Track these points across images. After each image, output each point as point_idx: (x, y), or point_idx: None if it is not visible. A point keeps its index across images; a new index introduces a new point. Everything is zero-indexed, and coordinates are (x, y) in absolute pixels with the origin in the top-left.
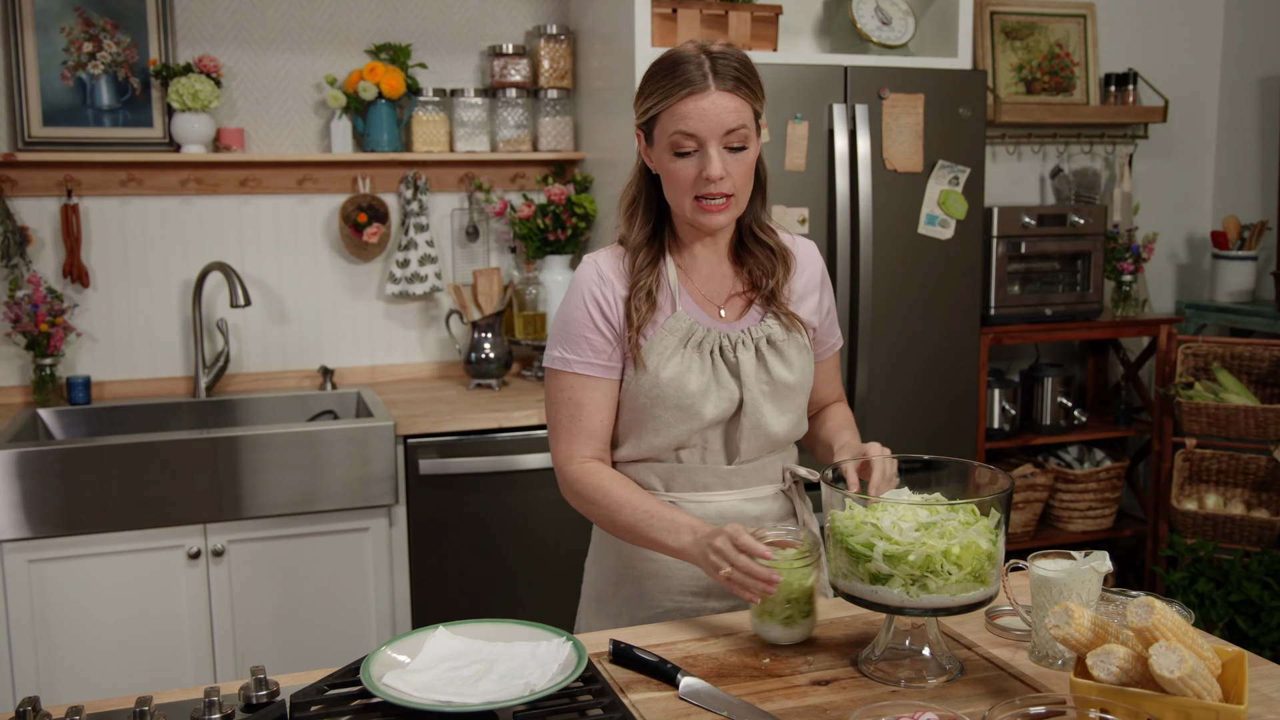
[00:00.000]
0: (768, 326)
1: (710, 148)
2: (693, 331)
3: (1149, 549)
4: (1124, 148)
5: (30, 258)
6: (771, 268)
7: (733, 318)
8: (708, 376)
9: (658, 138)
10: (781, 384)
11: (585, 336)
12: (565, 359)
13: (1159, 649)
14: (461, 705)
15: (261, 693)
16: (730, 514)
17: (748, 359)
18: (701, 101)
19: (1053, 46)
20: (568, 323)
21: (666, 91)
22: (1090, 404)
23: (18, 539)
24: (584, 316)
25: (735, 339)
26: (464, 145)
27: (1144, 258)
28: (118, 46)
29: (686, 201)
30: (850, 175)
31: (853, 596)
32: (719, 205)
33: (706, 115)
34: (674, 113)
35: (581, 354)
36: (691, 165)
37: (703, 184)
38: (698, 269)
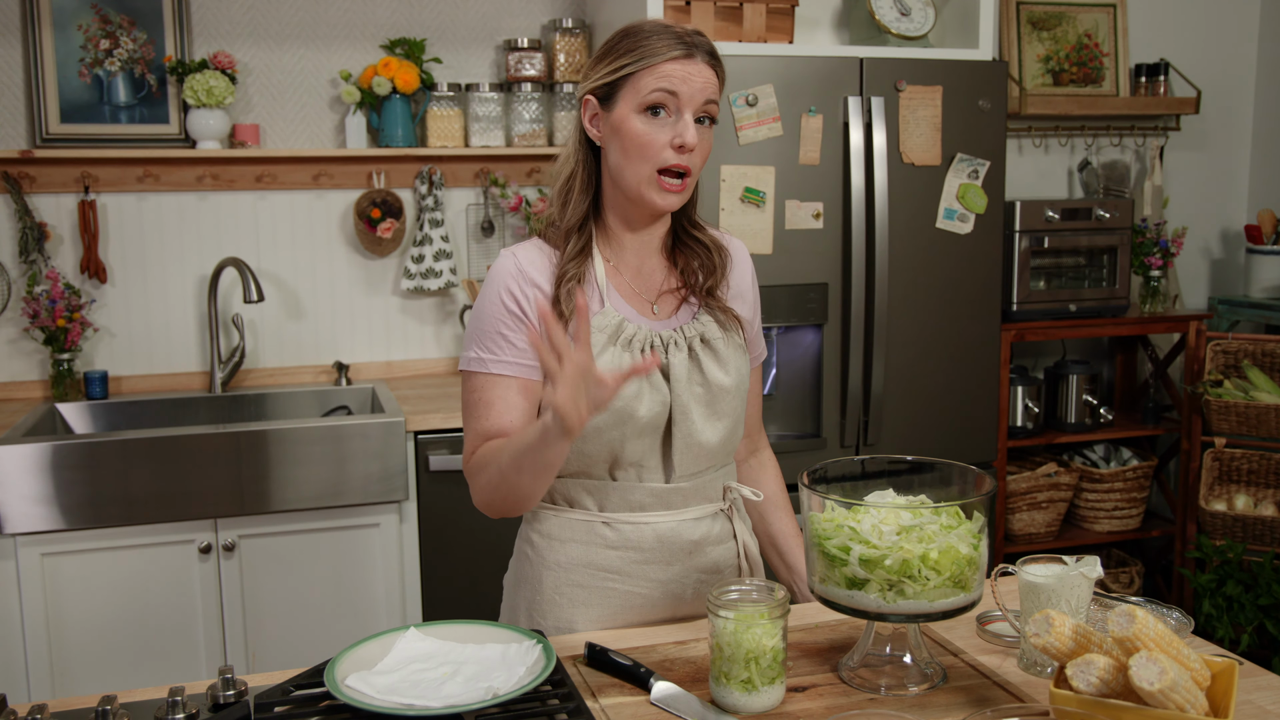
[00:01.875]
0: (701, 324)
1: (687, 113)
2: (622, 328)
3: (1177, 550)
4: (1155, 140)
5: (48, 253)
6: (709, 263)
7: (665, 315)
8: (640, 378)
9: (623, 99)
10: (716, 387)
11: (501, 333)
12: (480, 359)
13: (1139, 660)
14: (423, 709)
15: (229, 692)
16: (668, 536)
17: (679, 360)
18: (689, 66)
19: (1081, 37)
20: (483, 319)
21: (649, 51)
22: (1118, 402)
23: (32, 532)
24: (500, 312)
25: (667, 338)
26: (479, 140)
27: (1173, 252)
28: (134, 43)
29: (645, 172)
30: (866, 169)
31: (830, 601)
32: (678, 185)
33: (692, 79)
34: (657, 71)
35: (498, 352)
36: (664, 129)
37: (672, 152)
38: (626, 262)
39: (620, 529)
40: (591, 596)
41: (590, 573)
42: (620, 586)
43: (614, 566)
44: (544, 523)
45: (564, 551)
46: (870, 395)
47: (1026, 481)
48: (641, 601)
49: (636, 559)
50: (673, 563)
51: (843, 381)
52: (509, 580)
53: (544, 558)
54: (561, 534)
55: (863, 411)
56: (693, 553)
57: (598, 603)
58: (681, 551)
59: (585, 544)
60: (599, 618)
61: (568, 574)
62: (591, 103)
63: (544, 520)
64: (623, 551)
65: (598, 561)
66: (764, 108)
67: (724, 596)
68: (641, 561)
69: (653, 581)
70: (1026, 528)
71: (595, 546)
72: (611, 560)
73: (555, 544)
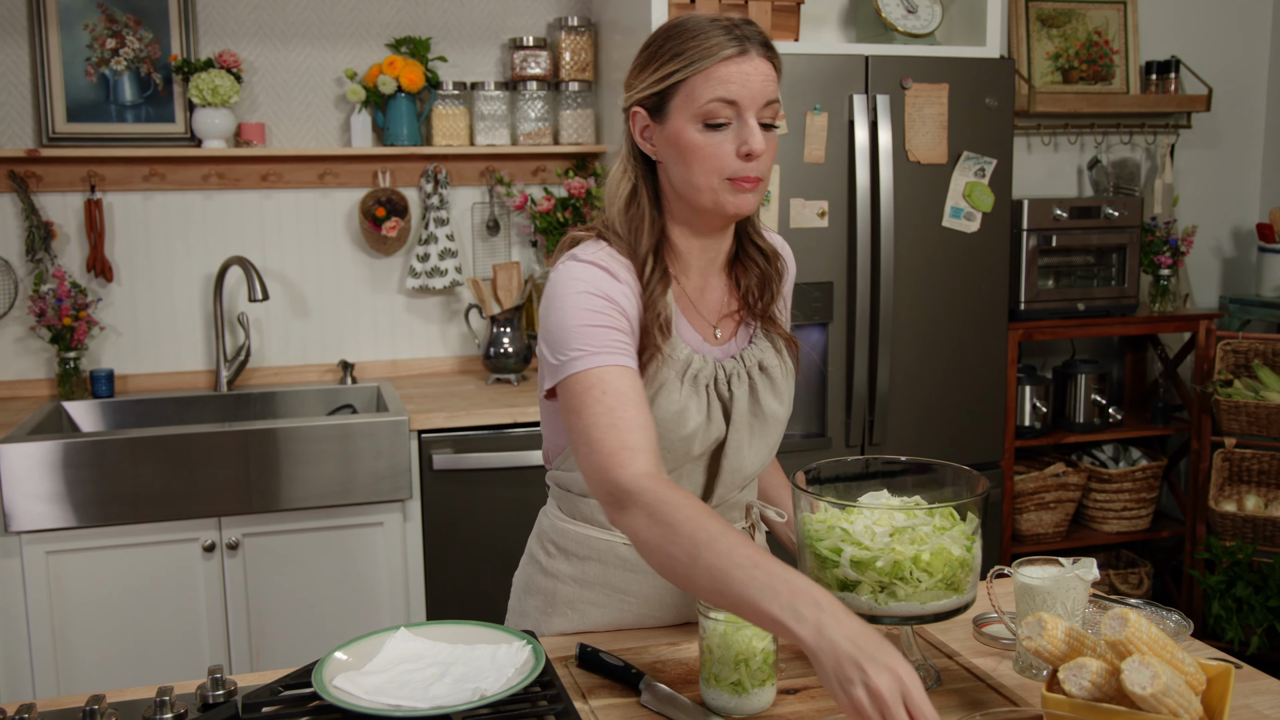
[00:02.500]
0: (759, 349)
1: (749, 117)
2: (689, 362)
3: (1187, 551)
4: (1165, 138)
5: (55, 252)
6: (766, 276)
7: (726, 339)
8: (703, 416)
9: (676, 110)
10: (770, 416)
11: (607, 325)
12: (587, 353)
13: (1131, 664)
14: (410, 710)
15: (218, 692)
16: None
17: (742, 393)
18: (744, 65)
19: (1091, 34)
20: (577, 316)
21: (699, 54)
22: (1128, 402)
23: (37, 530)
24: (601, 303)
25: (730, 369)
26: (484, 139)
27: (1182, 251)
28: (140, 43)
29: (714, 182)
30: (871, 167)
31: None
32: (751, 184)
33: (750, 80)
34: (710, 76)
35: (609, 345)
36: (727, 139)
37: (739, 162)
38: (691, 282)
39: None
40: (606, 615)
41: (606, 592)
42: (635, 609)
43: (631, 589)
44: (561, 536)
45: (581, 568)
46: (876, 395)
47: (1034, 482)
48: (654, 622)
49: (654, 582)
50: None
51: (848, 381)
52: (519, 584)
53: (559, 570)
54: (580, 550)
55: (868, 411)
56: None
57: (612, 620)
58: None
59: (602, 563)
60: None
61: (583, 590)
62: (640, 114)
63: (561, 533)
64: (641, 575)
65: (614, 582)
66: None
67: None
68: (660, 586)
69: (669, 605)
70: (1034, 528)
71: (612, 566)
72: (629, 582)
73: (574, 560)
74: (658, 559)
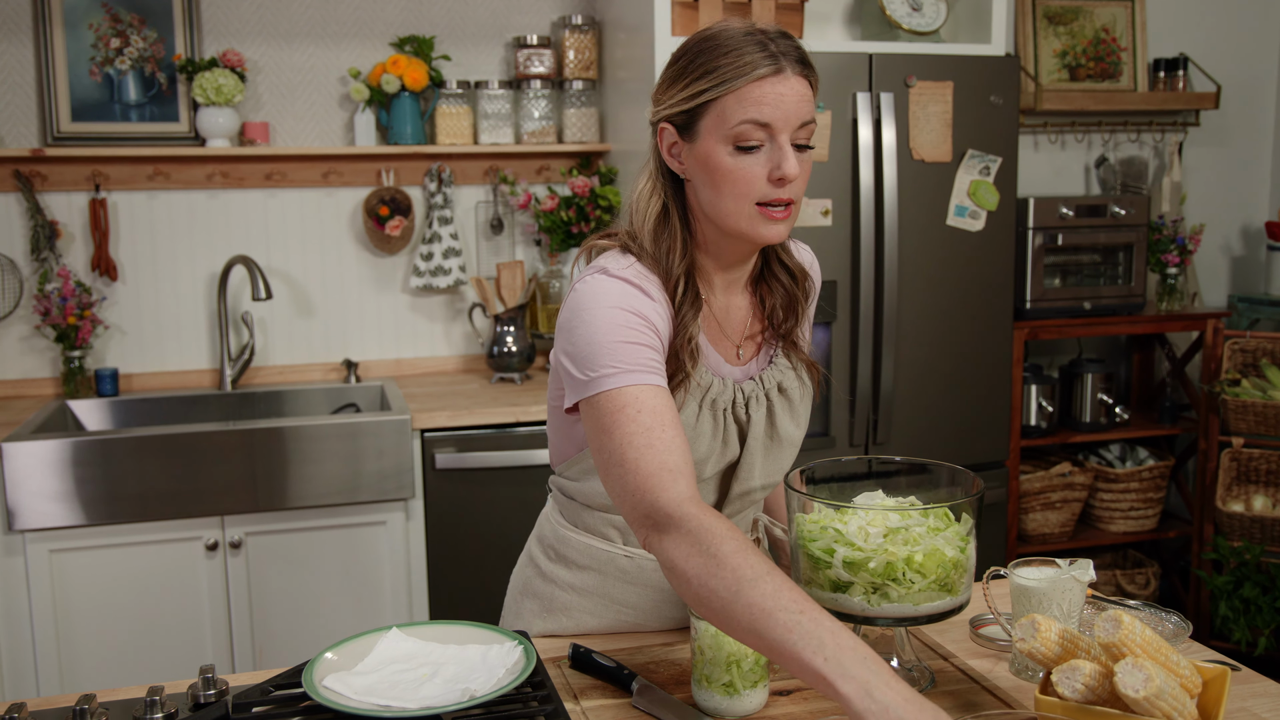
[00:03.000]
0: (779, 371)
1: (783, 139)
2: (709, 386)
3: (1194, 552)
4: (1174, 135)
5: (60, 251)
6: (791, 297)
7: (748, 359)
8: (718, 440)
9: (706, 130)
10: (785, 438)
11: (641, 344)
12: (621, 370)
13: (1124, 666)
14: (399, 710)
15: (210, 692)
16: None
17: (759, 417)
18: (779, 85)
19: (1098, 31)
20: (611, 331)
21: (732, 72)
22: (1135, 401)
23: (41, 529)
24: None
25: (750, 392)
26: (488, 137)
27: (1190, 250)
28: (144, 42)
29: (745, 208)
30: (875, 166)
31: None
32: (783, 213)
33: (785, 101)
34: (743, 97)
35: (644, 363)
36: (759, 163)
37: (772, 186)
38: (715, 300)
39: (642, 564)
40: (600, 625)
41: (603, 602)
42: (631, 619)
43: (629, 601)
44: (562, 543)
45: (580, 577)
46: (879, 394)
47: (1040, 481)
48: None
49: (653, 597)
50: None
51: (852, 380)
52: (515, 584)
53: (558, 576)
54: (580, 559)
55: (872, 410)
56: None
57: (605, 630)
58: None
59: (601, 574)
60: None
61: (580, 599)
62: (669, 131)
63: (562, 540)
64: (640, 588)
65: (612, 593)
66: None
67: None
68: (659, 601)
69: (665, 619)
70: (1040, 528)
71: (611, 578)
72: (627, 594)
73: (573, 568)
74: (694, 590)
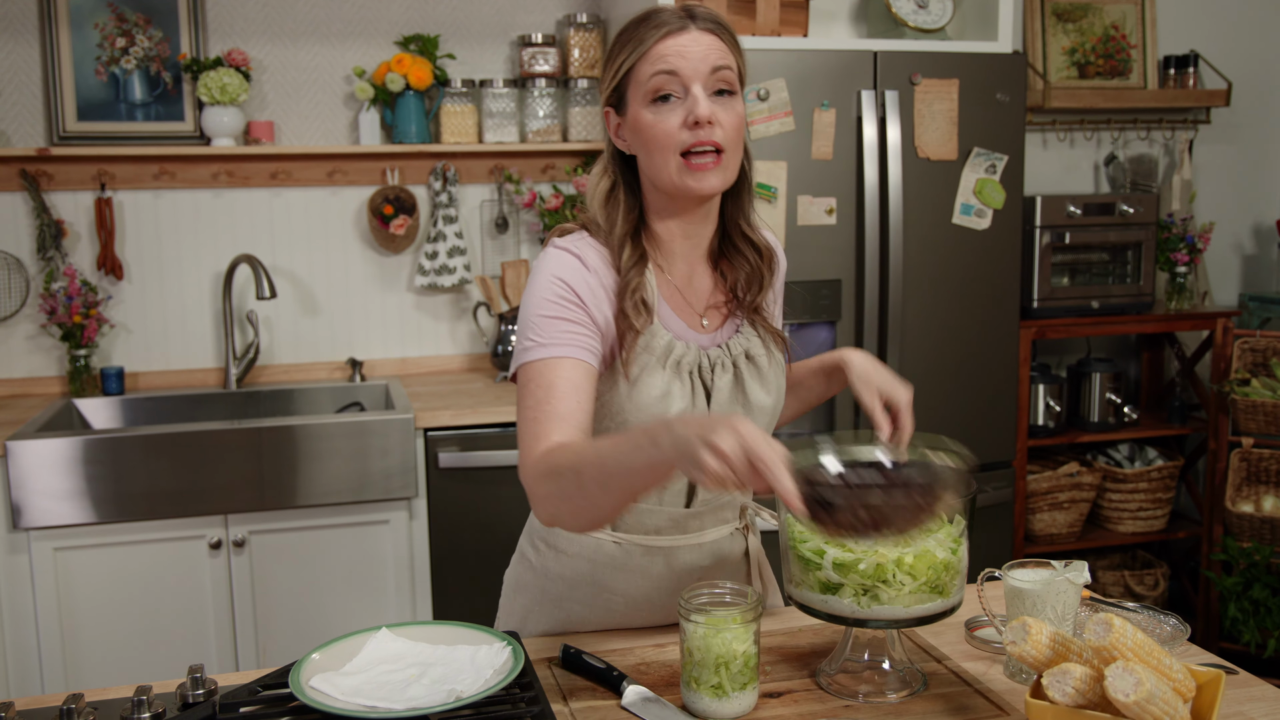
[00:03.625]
0: (745, 339)
1: (694, 86)
2: (671, 348)
3: (1204, 552)
4: (1184, 133)
5: (66, 250)
6: (756, 273)
7: (713, 328)
8: (687, 401)
9: (631, 96)
10: (756, 407)
11: (559, 318)
12: (537, 344)
13: (1115, 670)
14: (385, 711)
15: (198, 692)
16: (678, 563)
17: (724, 384)
18: (681, 38)
19: (1108, 28)
20: (536, 307)
21: (639, 39)
22: (1145, 401)
23: (45, 527)
24: (555, 295)
25: (714, 358)
26: (492, 136)
27: (1199, 248)
28: (150, 41)
29: (672, 161)
30: (880, 164)
31: (804, 606)
32: (709, 162)
33: (689, 50)
34: (651, 55)
35: (557, 336)
36: (674, 112)
37: (689, 132)
38: (676, 269)
39: (629, 550)
40: (591, 614)
41: (593, 590)
42: (621, 608)
43: (618, 588)
44: (550, 533)
45: (569, 565)
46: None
47: (1047, 481)
48: (640, 622)
49: (642, 584)
50: (678, 589)
51: None
52: (509, 581)
53: (547, 568)
54: (568, 547)
55: None
56: (701, 578)
57: (597, 621)
58: (691, 578)
59: (591, 561)
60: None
61: (570, 589)
62: (611, 113)
63: (552, 530)
64: (628, 574)
65: (602, 580)
66: (776, 102)
67: (695, 600)
68: (648, 588)
69: (657, 606)
70: (1048, 528)
71: (600, 565)
72: (616, 580)
73: (562, 557)
74: (570, 511)
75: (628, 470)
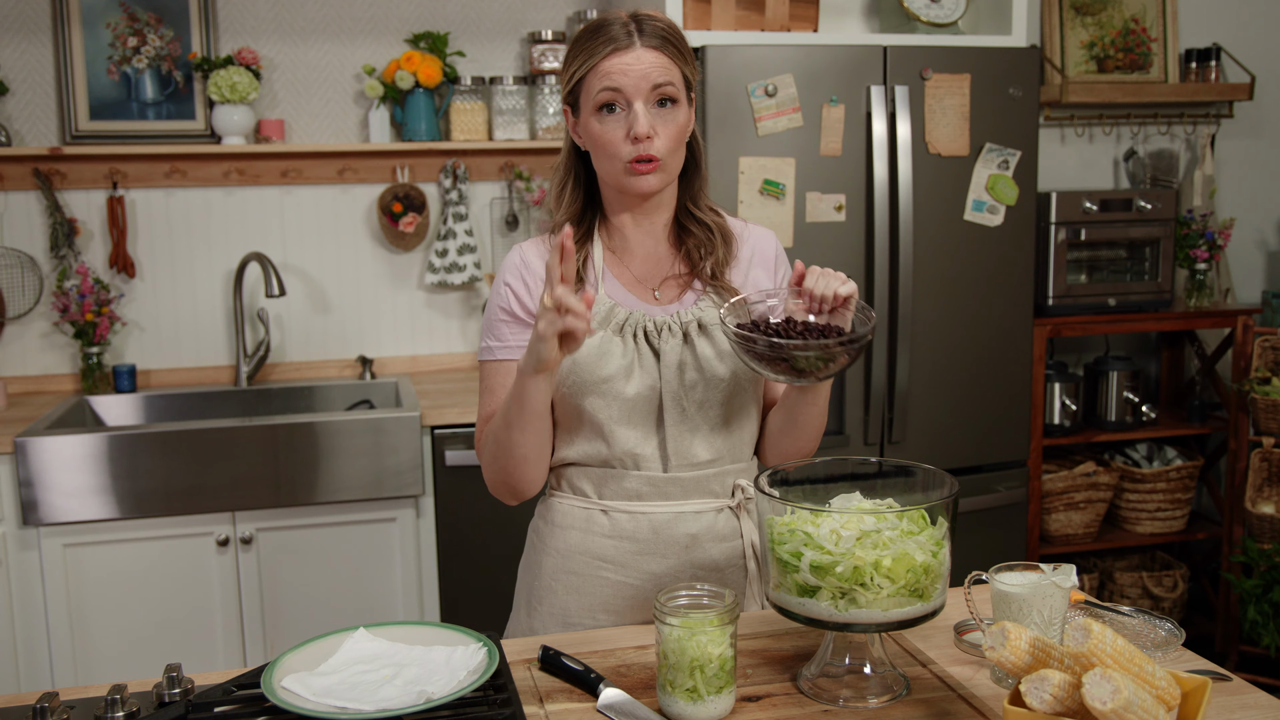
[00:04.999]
0: (700, 309)
1: (636, 103)
2: (613, 314)
3: (1224, 554)
4: (1205, 128)
5: (79, 249)
6: (710, 245)
7: (667, 300)
8: (630, 358)
9: (583, 104)
10: (711, 375)
11: (505, 322)
12: (489, 347)
13: (1092, 678)
14: (355, 713)
15: (174, 690)
16: (664, 528)
17: (672, 346)
18: (625, 56)
19: (1127, 22)
20: (491, 311)
21: (590, 52)
22: (1164, 399)
23: (55, 523)
24: (504, 302)
25: (661, 323)
26: (502, 133)
27: (1219, 245)
28: (161, 41)
29: (618, 166)
30: (890, 160)
31: (783, 609)
32: (647, 167)
33: (631, 70)
34: (598, 71)
35: (504, 340)
36: (619, 125)
37: (631, 146)
38: (630, 250)
39: (616, 517)
40: (585, 584)
41: (585, 560)
42: (613, 576)
43: (608, 555)
44: (550, 509)
45: (563, 538)
46: (895, 392)
47: (1063, 481)
48: (633, 593)
49: (631, 549)
50: (668, 556)
51: (866, 378)
52: (521, 565)
53: (545, 543)
54: (563, 521)
55: (887, 408)
56: (690, 547)
57: (590, 591)
58: (677, 545)
59: (583, 531)
60: (591, 607)
61: (565, 561)
62: (569, 112)
63: (549, 506)
64: (618, 541)
65: (593, 549)
66: (783, 98)
67: (671, 602)
68: (636, 553)
69: (646, 574)
70: (1063, 529)
71: (592, 534)
72: (606, 549)
73: (556, 530)
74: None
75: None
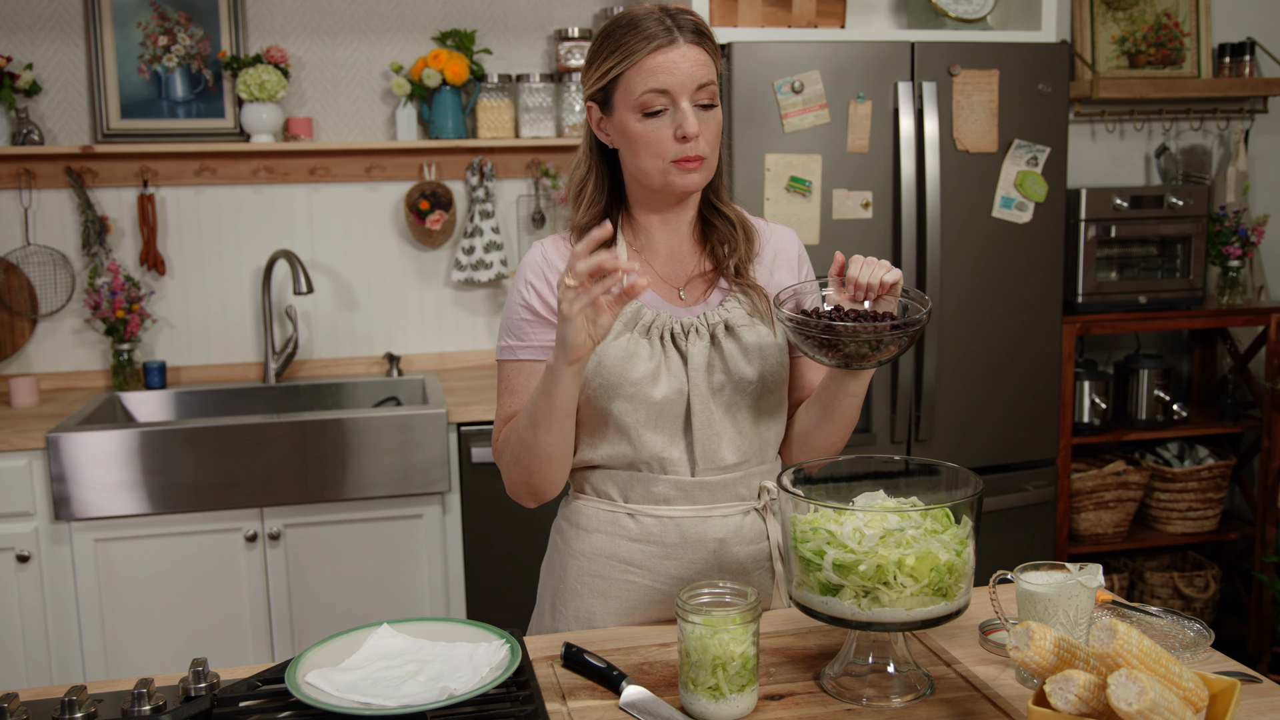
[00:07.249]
0: (727, 310)
1: (683, 102)
2: (640, 315)
3: (1256, 554)
4: (1239, 123)
5: (110, 246)
6: (734, 240)
7: (693, 300)
8: (657, 361)
9: (619, 103)
10: (739, 378)
11: (526, 320)
12: (509, 346)
13: (1118, 678)
14: (379, 708)
15: (200, 685)
16: (691, 532)
17: (699, 349)
18: (671, 54)
19: (1160, 16)
20: (510, 309)
21: (628, 49)
22: (1196, 398)
23: (87, 518)
24: (524, 300)
25: (688, 325)
26: (529, 131)
27: (1253, 241)
28: (191, 39)
29: (661, 165)
30: (917, 157)
31: (806, 608)
32: (696, 164)
33: (678, 68)
34: (641, 69)
35: (524, 339)
36: (664, 125)
37: (678, 145)
38: (655, 249)
39: (643, 521)
40: (611, 588)
41: (611, 564)
42: (640, 580)
43: (635, 559)
44: (574, 511)
45: (589, 541)
46: (922, 390)
47: (1093, 480)
48: (660, 597)
49: (657, 553)
50: (695, 560)
51: (893, 376)
52: (543, 567)
53: (570, 546)
54: (588, 523)
55: (914, 406)
56: (717, 550)
57: (617, 595)
58: (704, 549)
59: (609, 535)
60: (617, 610)
61: (590, 564)
62: (594, 108)
63: (574, 509)
64: (644, 545)
65: (620, 553)
66: (810, 94)
67: (693, 600)
68: (662, 556)
69: (672, 579)
70: (1093, 528)
71: (618, 538)
72: (633, 553)
73: (582, 533)
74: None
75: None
